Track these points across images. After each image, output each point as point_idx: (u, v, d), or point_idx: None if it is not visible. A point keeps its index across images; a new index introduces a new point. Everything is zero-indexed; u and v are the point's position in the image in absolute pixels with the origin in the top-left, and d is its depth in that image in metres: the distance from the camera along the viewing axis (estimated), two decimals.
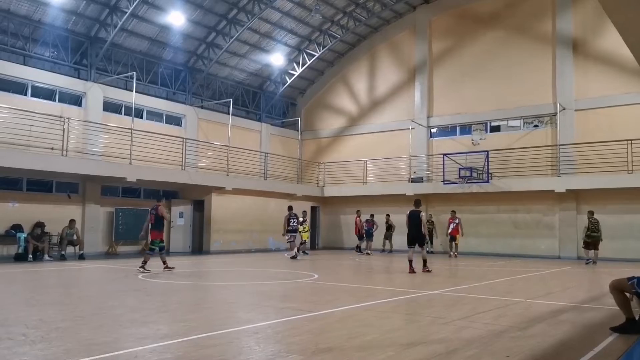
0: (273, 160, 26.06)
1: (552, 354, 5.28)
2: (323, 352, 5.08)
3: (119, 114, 21.73)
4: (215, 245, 22.62)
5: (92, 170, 18.51)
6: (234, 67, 26.44)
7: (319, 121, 29.80)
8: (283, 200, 24.70)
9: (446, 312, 7.62)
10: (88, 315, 7.13)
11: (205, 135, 24.61)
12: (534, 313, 7.66)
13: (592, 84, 21.76)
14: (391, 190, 25.25)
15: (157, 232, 13.59)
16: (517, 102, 23.34)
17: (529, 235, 22.23)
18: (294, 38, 26.43)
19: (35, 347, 5.11)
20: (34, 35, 19.61)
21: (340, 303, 8.47)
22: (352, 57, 28.87)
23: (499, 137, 23.97)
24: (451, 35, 25.67)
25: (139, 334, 5.84)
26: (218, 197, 22.75)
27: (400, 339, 5.80)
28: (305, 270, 14.62)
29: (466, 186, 22.80)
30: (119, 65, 22.05)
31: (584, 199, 21.18)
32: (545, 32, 23.11)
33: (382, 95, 27.72)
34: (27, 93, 19.12)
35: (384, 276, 14.56)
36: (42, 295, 9.57)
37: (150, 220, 13.65)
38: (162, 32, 22.55)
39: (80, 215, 19.74)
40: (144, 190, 22.62)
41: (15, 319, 6.67)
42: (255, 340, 5.70)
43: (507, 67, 23.70)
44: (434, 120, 25.84)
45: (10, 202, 18.15)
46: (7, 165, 16.06)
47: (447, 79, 25.57)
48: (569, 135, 21.92)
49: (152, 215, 13.62)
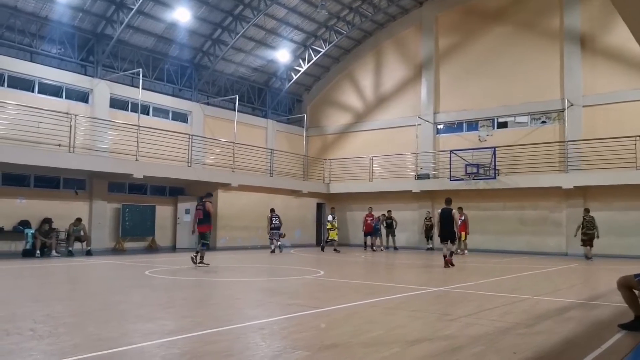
0: (279, 157, 26.07)
1: (559, 351, 5.25)
2: (329, 349, 5.08)
3: (125, 111, 21.79)
4: (222, 241, 22.67)
5: (99, 166, 18.58)
6: (240, 64, 26.44)
7: (325, 118, 29.76)
8: (289, 197, 24.71)
9: (452, 309, 7.60)
10: (95, 310, 7.17)
11: (211, 131, 24.64)
12: (540, 310, 7.63)
13: (600, 80, 21.61)
14: (397, 186, 25.22)
15: (205, 226, 14.33)
16: (525, 98, 23.22)
17: (536, 232, 22.12)
18: (300, 34, 26.39)
19: (43, 342, 5.14)
20: (41, 32, 19.68)
21: (345, 300, 8.47)
22: (358, 54, 28.80)
23: (506, 134, 23.86)
24: (458, 31, 25.55)
25: (145, 330, 5.87)
26: (224, 193, 22.78)
27: (406, 335, 5.79)
28: (311, 266, 14.62)
29: (473, 183, 22.73)
30: (125, 62, 22.10)
31: (592, 195, 21.06)
32: (552, 27, 22.96)
33: (388, 92, 27.64)
34: (35, 90, 19.21)
35: (390, 273, 14.54)
36: (49, 290, 9.62)
37: (198, 216, 14.32)
38: (168, 28, 22.57)
39: (87, 211, 19.84)
40: (150, 187, 22.70)
41: (23, 314, 6.72)
42: (261, 336, 5.71)
43: (515, 63, 23.57)
44: (441, 116, 25.75)
45: (18, 198, 18.25)
46: (15, 161, 16.17)
47: (454, 75, 25.46)
48: (577, 132, 21.79)
49: (200, 211, 14.32)
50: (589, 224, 18.70)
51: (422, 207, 25.29)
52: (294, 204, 25.92)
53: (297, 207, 26.07)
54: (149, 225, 21.81)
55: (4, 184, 18.09)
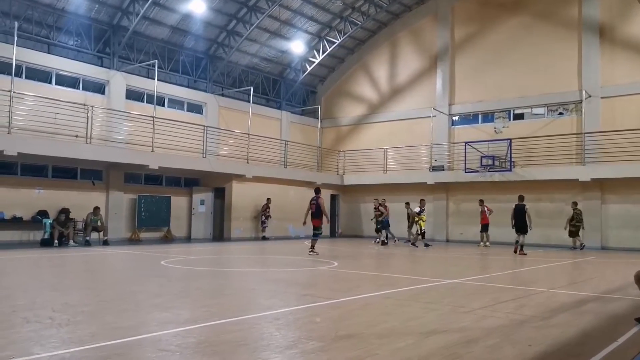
0: (293, 149, 26.09)
1: (575, 344, 5.22)
2: (343, 339, 5.10)
3: (141, 102, 21.94)
4: (236, 232, 22.80)
5: (115, 157, 18.76)
6: (255, 55, 26.43)
7: (339, 109, 29.68)
8: (302, 189, 24.74)
9: (467, 301, 7.58)
10: (112, 299, 7.26)
11: (226, 123, 24.72)
12: (556, 303, 7.58)
13: (618, 71, 21.25)
14: (411, 178, 25.11)
15: (318, 220, 15.31)
16: (542, 90, 22.93)
17: (552, 225, 21.89)
18: (315, 25, 26.29)
19: (62, 330, 5.22)
20: (58, 23, 19.84)
21: (360, 291, 8.48)
22: (372, 45, 28.62)
23: (522, 125, 23.61)
24: (474, 21, 25.26)
25: (161, 319, 5.94)
26: (238, 184, 22.89)
27: (420, 327, 5.79)
28: (325, 258, 14.67)
29: (488, 175, 22.55)
30: (141, 53, 22.22)
31: (609, 188, 20.80)
32: (571, 17, 22.60)
33: (402, 83, 27.47)
34: (52, 81, 19.41)
35: (403, 264, 14.53)
36: (67, 279, 9.77)
37: (312, 209, 15.38)
38: (184, 20, 22.62)
39: (104, 202, 20.07)
40: (165, 178, 22.87)
41: (42, 302, 6.83)
42: (276, 326, 5.75)
43: (532, 53, 23.26)
44: (456, 108, 25.54)
45: (37, 188, 18.52)
46: (33, 152, 16.41)
47: (470, 66, 25.21)
48: (595, 123, 21.48)
49: (313, 205, 15.37)
50: (577, 217, 19.86)
51: (437, 199, 25.19)
52: (308, 196, 25.76)
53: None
54: (165, 215, 22.01)
55: (22, 175, 18.36)
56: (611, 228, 20.88)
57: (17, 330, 5.20)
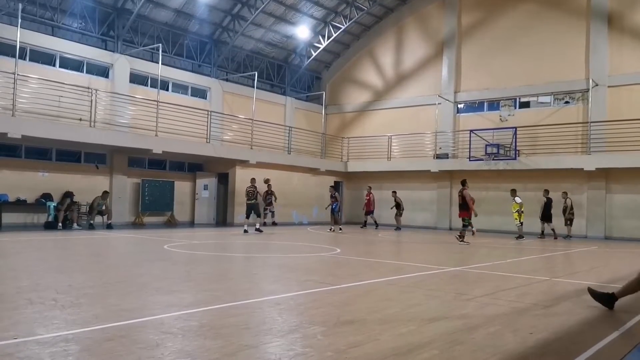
0: (297, 135, 26.03)
1: (577, 332, 5.22)
2: (345, 324, 5.12)
3: (145, 86, 21.89)
4: (240, 218, 22.82)
5: (119, 141, 18.77)
6: (259, 40, 26.28)
7: (344, 95, 29.55)
8: (306, 175, 24.73)
9: (469, 289, 7.58)
10: (116, 282, 7.30)
11: (230, 108, 24.66)
12: (558, 292, 7.58)
13: (626, 60, 21.05)
14: (415, 166, 25.07)
15: (464, 212, 16.03)
16: (548, 78, 22.75)
17: (556, 214, 21.79)
18: (320, 10, 26.08)
19: (65, 312, 5.25)
20: (62, 6, 19.74)
21: (362, 277, 8.50)
22: (378, 31, 28.40)
23: (528, 114, 23.48)
24: (481, 8, 25.00)
25: (164, 302, 5.96)
26: (242, 170, 22.87)
27: (422, 313, 5.80)
28: (328, 244, 14.69)
29: (492, 163, 22.48)
30: (145, 37, 22.12)
31: (614, 177, 20.71)
32: (579, 5, 22.34)
33: (408, 70, 27.29)
34: (56, 64, 19.37)
35: (406, 252, 14.54)
36: (71, 262, 9.82)
37: (459, 202, 16.08)
38: (188, 3, 22.47)
39: (108, 185, 20.12)
40: (169, 163, 22.88)
41: (46, 284, 6.87)
42: (278, 311, 5.77)
43: (539, 41, 23.04)
44: (461, 95, 25.39)
45: (41, 171, 18.57)
46: (38, 135, 16.42)
47: (476, 53, 25.01)
48: (601, 112, 21.33)
49: (460, 197, 16.01)
50: (571, 207, 19.97)
51: (441, 187, 25.15)
52: (312, 182, 25.97)
53: (315, 185, 26.11)
54: (168, 200, 22.07)
55: (26, 157, 18.40)
56: (615, 218, 20.83)
57: (20, 311, 5.23)
